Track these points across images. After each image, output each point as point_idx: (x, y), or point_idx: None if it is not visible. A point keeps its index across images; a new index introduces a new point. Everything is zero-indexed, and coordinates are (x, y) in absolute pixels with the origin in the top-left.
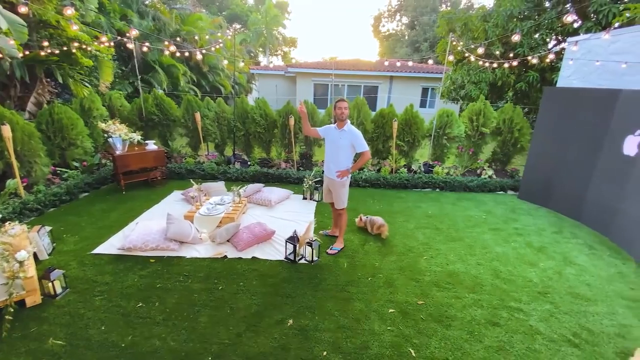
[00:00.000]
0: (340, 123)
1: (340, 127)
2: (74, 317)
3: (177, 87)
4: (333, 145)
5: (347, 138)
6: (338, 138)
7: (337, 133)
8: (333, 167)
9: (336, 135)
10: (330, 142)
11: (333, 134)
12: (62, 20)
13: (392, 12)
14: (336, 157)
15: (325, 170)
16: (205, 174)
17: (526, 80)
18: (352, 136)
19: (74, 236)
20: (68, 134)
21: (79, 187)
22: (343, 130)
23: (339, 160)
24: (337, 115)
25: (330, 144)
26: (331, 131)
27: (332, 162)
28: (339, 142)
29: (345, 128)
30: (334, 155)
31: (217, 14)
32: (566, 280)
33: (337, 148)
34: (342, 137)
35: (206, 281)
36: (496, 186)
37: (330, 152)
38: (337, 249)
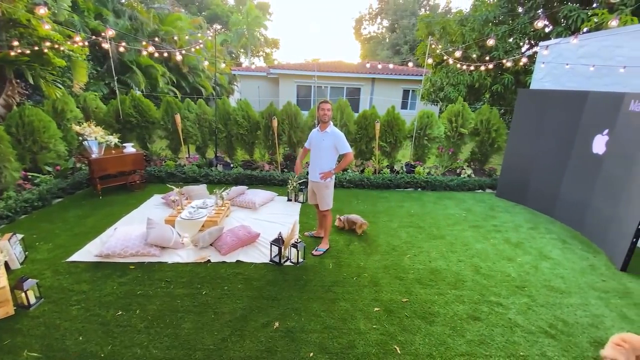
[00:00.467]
0: (323, 125)
1: (323, 129)
2: (50, 328)
3: (156, 89)
4: (316, 148)
5: (329, 140)
6: (321, 140)
7: (319, 135)
8: (317, 169)
9: (319, 137)
10: (314, 145)
11: (316, 137)
12: (33, 19)
13: (372, 15)
14: (320, 160)
15: (310, 173)
16: (186, 177)
17: (502, 82)
18: (334, 138)
19: (48, 244)
20: (40, 137)
21: (52, 192)
22: (325, 132)
23: (322, 162)
24: (320, 117)
25: (313, 147)
26: (314, 135)
27: (316, 164)
28: (322, 144)
29: (328, 130)
30: (317, 157)
31: (196, 14)
32: (542, 274)
33: (319, 150)
34: (325, 139)
35: (189, 286)
36: (475, 185)
37: (314, 155)
38: (323, 250)
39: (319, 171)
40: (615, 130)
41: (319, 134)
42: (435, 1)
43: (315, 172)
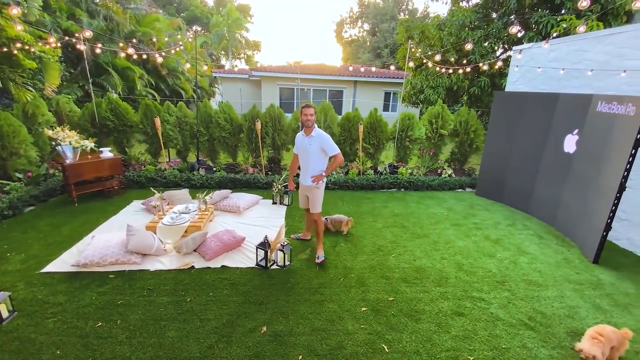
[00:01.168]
0: (307, 129)
1: (309, 134)
2: (25, 343)
3: (134, 91)
4: (304, 153)
5: (316, 143)
6: (308, 145)
7: (306, 140)
8: (308, 173)
9: (306, 142)
10: (302, 150)
11: (302, 142)
12: (2, 19)
13: (353, 18)
14: (310, 164)
15: (301, 177)
16: (167, 181)
17: (478, 85)
18: (321, 140)
19: (20, 254)
20: (9, 142)
21: (24, 200)
22: (311, 136)
23: (313, 166)
24: (303, 122)
25: (302, 152)
26: (300, 140)
27: (307, 169)
28: (310, 149)
29: (314, 134)
30: (307, 162)
31: (175, 16)
32: (520, 268)
33: (308, 155)
34: (312, 143)
35: (173, 294)
36: (456, 184)
37: (303, 160)
38: (323, 255)
39: (310, 175)
40: (584, 130)
41: (305, 139)
42: (413, 6)
43: (307, 176)
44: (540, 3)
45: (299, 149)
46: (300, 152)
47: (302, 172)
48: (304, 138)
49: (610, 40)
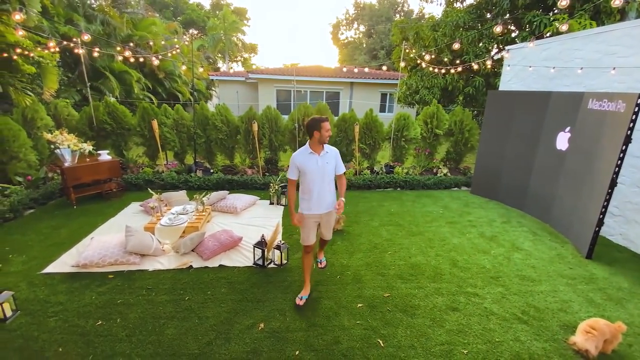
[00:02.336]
0: (318, 147)
1: (320, 151)
2: (28, 340)
3: (131, 95)
4: (320, 174)
5: (332, 160)
6: (324, 164)
7: (320, 159)
8: (328, 198)
9: (320, 161)
10: (316, 172)
11: (316, 162)
12: (1, 25)
13: (349, 20)
14: (327, 186)
15: (315, 205)
16: (165, 183)
17: (473, 85)
18: (336, 154)
19: (21, 256)
20: (9, 146)
21: (24, 203)
22: (325, 153)
23: (332, 188)
24: (324, 139)
25: (316, 174)
26: (310, 161)
27: (327, 192)
28: (327, 168)
29: (327, 149)
30: (322, 185)
31: (171, 19)
32: (514, 264)
33: (324, 176)
34: (328, 161)
35: (171, 293)
36: (451, 183)
37: (320, 184)
38: (325, 259)
39: (332, 200)
40: (576, 128)
41: (317, 158)
42: (409, 7)
43: (328, 202)
44: (533, 3)
45: (308, 172)
46: (310, 175)
47: (317, 199)
48: (313, 157)
49: (602, 39)
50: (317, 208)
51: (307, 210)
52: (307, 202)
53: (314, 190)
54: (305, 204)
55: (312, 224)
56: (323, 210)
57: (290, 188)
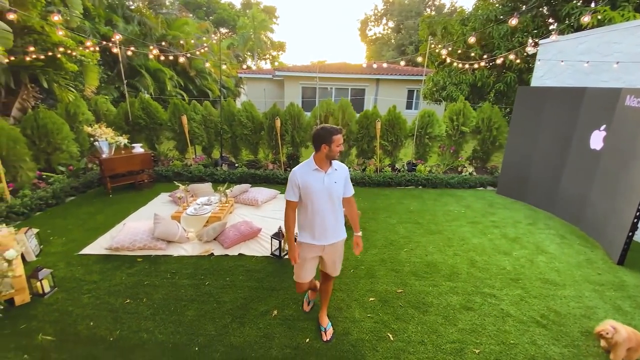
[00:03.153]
0: (325, 162)
1: (327, 168)
2: (63, 314)
3: (164, 92)
4: (325, 196)
5: (341, 178)
6: (331, 183)
7: (327, 178)
8: (337, 226)
9: (327, 180)
10: (321, 193)
11: (321, 180)
12: (47, 26)
13: (378, 16)
14: (336, 211)
15: (320, 235)
16: (192, 176)
17: (504, 81)
18: (346, 174)
19: (61, 238)
20: (53, 138)
21: (65, 191)
22: (334, 170)
23: (339, 214)
24: (334, 154)
25: (321, 196)
26: (315, 179)
27: (333, 219)
28: (334, 189)
29: (335, 166)
30: (332, 208)
31: (204, 19)
32: (537, 267)
33: (332, 198)
34: (337, 179)
35: (193, 277)
36: (476, 182)
37: (325, 207)
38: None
39: (339, 226)
40: (612, 126)
41: (324, 175)
42: (440, 1)
43: (336, 229)
44: None
45: (311, 193)
46: (314, 197)
47: (317, 226)
48: (318, 175)
49: None
50: (320, 238)
51: (307, 239)
52: (308, 230)
53: (317, 215)
54: (305, 232)
55: (312, 257)
56: (328, 241)
57: (290, 213)
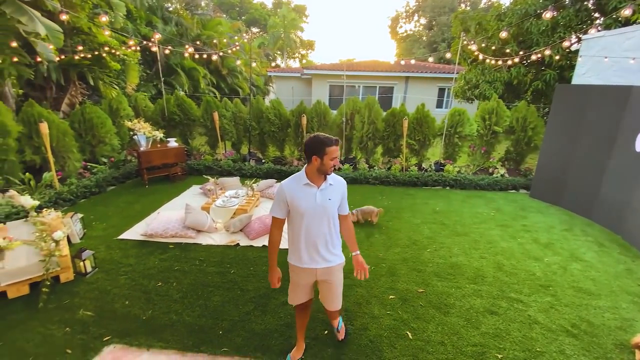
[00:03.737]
0: (318, 177)
1: (320, 183)
2: (102, 293)
3: (198, 89)
4: (318, 214)
5: (337, 192)
6: (325, 200)
7: (320, 194)
8: (332, 248)
9: (320, 197)
10: (313, 211)
11: (313, 197)
12: (94, 27)
13: (409, 12)
14: (331, 231)
15: (310, 258)
16: (222, 170)
17: (543, 79)
18: (343, 187)
19: (102, 224)
20: (98, 132)
21: (107, 180)
22: (329, 185)
23: (335, 234)
24: (326, 169)
25: (313, 215)
26: (306, 196)
27: (327, 240)
28: (328, 207)
29: (330, 181)
30: (325, 229)
31: (237, 19)
32: (570, 275)
33: (327, 216)
34: (333, 195)
35: (220, 265)
36: (508, 185)
37: (318, 228)
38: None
39: (333, 248)
40: None
41: (317, 192)
42: None
43: (327, 252)
44: None
45: (302, 210)
46: (304, 216)
47: (308, 248)
48: (310, 190)
49: None
50: (309, 261)
51: (298, 262)
52: (297, 252)
53: (308, 236)
54: (294, 254)
55: (304, 281)
56: (320, 265)
57: (274, 231)
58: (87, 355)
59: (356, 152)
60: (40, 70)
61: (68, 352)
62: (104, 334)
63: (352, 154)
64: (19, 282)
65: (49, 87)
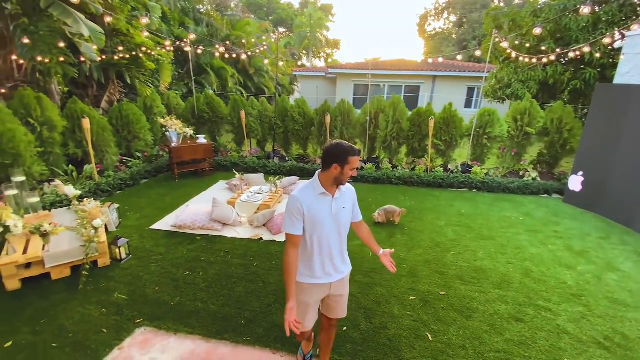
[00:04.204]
0: (333, 186)
1: (334, 191)
2: (135, 278)
3: (226, 88)
4: (335, 225)
5: (349, 200)
6: (340, 209)
7: (334, 203)
8: (345, 256)
9: (335, 206)
10: (329, 222)
11: (329, 207)
12: (131, 29)
13: (439, 10)
14: (344, 239)
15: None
16: (247, 167)
17: (582, 78)
18: (353, 194)
19: (136, 214)
20: (133, 128)
21: (141, 174)
22: (342, 192)
23: (345, 241)
24: (343, 180)
25: (329, 226)
26: (322, 206)
27: (341, 251)
28: (342, 217)
29: (342, 189)
30: (341, 240)
31: (264, 19)
32: (605, 285)
33: (340, 227)
34: (345, 203)
35: (243, 258)
36: (539, 189)
37: (334, 240)
38: None
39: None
40: None
41: (332, 202)
42: None
43: (342, 262)
44: None
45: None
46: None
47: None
48: (326, 200)
49: None
50: (326, 275)
51: (311, 278)
52: (311, 268)
53: (324, 249)
54: (308, 270)
55: (315, 298)
56: (334, 278)
57: (291, 251)
58: (120, 336)
59: (379, 152)
60: (83, 69)
61: (104, 331)
62: (136, 317)
63: (375, 154)
64: (62, 264)
65: (90, 85)
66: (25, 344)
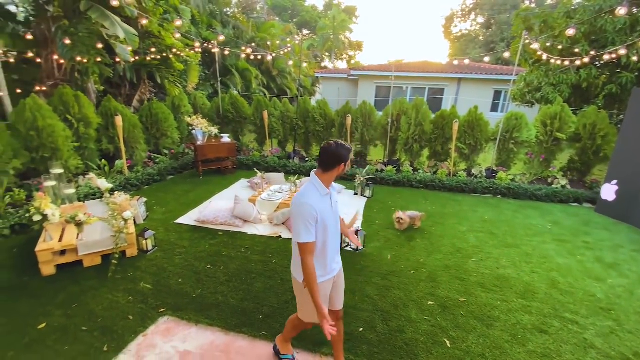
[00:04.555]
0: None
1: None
2: (159, 269)
3: (250, 89)
4: (335, 221)
5: (335, 192)
6: (336, 204)
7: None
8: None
9: (333, 203)
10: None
11: (330, 205)
12: (162, 31)
13: (466, 11)
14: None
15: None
16: (268, 166)
17: (618, 82)
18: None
19: (162, 208)
20: (162, 126)
21: (167, 170)
22: (332, 188)
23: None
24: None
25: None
26: (328, 206)
27: (338, 242)
28: (336, 208)
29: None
30: (337, 232)
31: (289, 21)
32: (638, 299)
33: (336, 217)
34: (336, 196)
35: (262, 254)
36: (569, 197)
37: (335, 234)
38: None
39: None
40: None
41: (328, 198)
42: None
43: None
44: None
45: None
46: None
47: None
48: (327, 199)
49: None
50: (332, 270)
51: (323, 277)
52: (324, 267)
53: (329, 245)
54: (322, 270)
55: (327, 294)
56: (337, 270)
57: (309, 259)
58: (145, 323)
59: (400, 154)
60: (118, 69)
61: (130, 318)
62: (160, 306)
63: (396, 156)
64: (93, 253)
65: (123, 84)
66: (58, 326)
